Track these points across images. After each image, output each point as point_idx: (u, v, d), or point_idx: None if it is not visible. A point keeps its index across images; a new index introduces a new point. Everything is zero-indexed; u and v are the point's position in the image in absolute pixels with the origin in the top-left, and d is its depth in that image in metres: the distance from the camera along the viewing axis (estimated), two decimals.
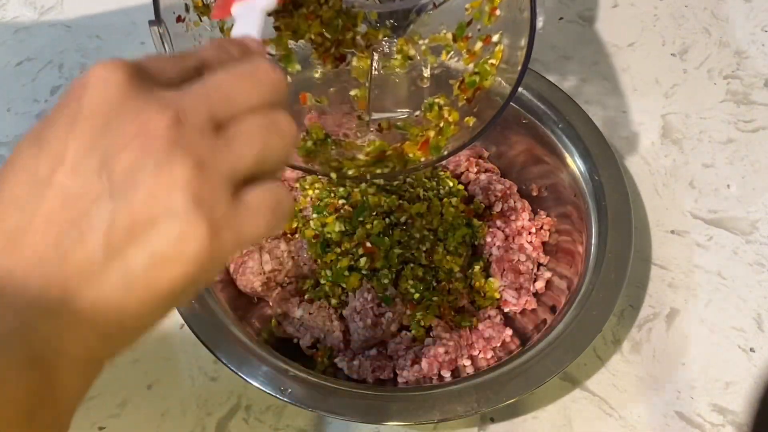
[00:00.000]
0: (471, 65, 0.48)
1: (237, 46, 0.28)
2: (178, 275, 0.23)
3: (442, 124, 0.48)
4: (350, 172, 0.48)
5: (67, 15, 0.79)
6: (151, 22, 0.41)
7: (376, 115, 0.53)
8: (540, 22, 0.42)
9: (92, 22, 0.78)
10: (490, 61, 0.46)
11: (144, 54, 0.26)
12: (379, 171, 0.47)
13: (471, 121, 0.51)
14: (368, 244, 0.54)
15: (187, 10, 0.45)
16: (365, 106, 0.53)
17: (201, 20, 0.45)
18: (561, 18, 0.77)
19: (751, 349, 0.56)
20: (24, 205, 0.23)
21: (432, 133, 0.48)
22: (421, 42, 0.51)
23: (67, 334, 0.23)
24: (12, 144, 0.69)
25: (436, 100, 0.49)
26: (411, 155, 0.49)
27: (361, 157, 0.49)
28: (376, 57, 0.51)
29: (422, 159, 0.49)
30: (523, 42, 0.43)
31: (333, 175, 0.48)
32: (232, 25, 0.39)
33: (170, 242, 0.23)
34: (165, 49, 0.42)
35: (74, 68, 0.74)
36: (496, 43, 0.46)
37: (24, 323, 0.22)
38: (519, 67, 0.45)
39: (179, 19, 0.44)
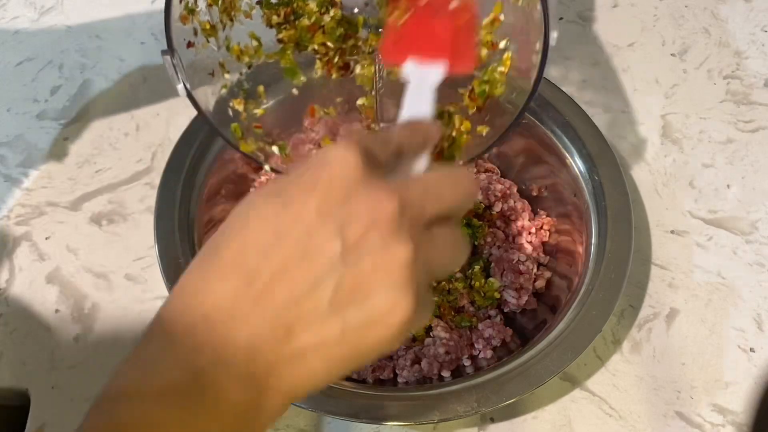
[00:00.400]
0: (479, 72, 0.48)
1: (422, 133, 0.33)
2: (382, 338, 0.27)
3: (454, 134, 0.48)
4: None
5: (67, 15, 0.79)
6: (164, 52, 0.43)
7: (384, 125, 0.53)
8: (554, 35, 0.41)
9: (92, 22, 0.78)
10: (498, 69, 0.46)
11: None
12: None
13: (484, 130, 0.52)
14: None
15: (195, 33, 0.46)
16: (373, 115, 0.53)
17: (208, 41, 0.47)
18: (561, 18, 0.77)
19: (751, 349, 0.56)
20: (265, 251, 0.27)
21: (445, 144, 0.49)
22: None
23: (283, 366, 0.27)
24: (12, 144, 0.69)
25: (447, 108, 0.49)
26: None
27: None
28: (378, 62, 0.51)
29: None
30: (537, 46, 0.42)
31: None
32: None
33: (385, 309, 0.27)
34: (178, 77, 0.44)
35: (74, 68, 0.74)
36: (503, 50, 0.46)
37: (250, 347, 0.26)
38: (533, 77, 0.45)
39: (189, 45, 0.46)
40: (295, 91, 0.54)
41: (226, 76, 0.51)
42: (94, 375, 0.55)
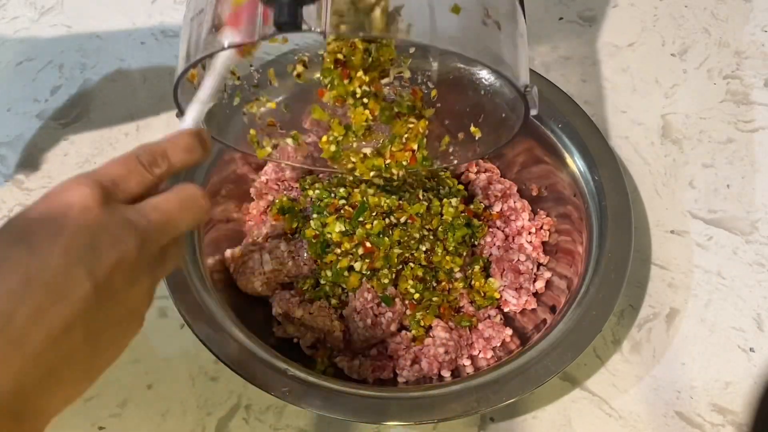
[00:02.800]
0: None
1: (188, 151, 0.36)
2: (123, 347, 0.33)
3: (419, 131, 0.51)
4: (364, 177, 0.53)
5: (67, 15, 0.79)
6: (178, 115, 0.44)
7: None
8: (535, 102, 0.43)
9: (92, 22, 0.78)
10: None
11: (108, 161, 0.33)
12: (388, 175, 0.53)
13: (477, 133, 0.54)
14: (368, 244, 0.54)
15: (204, 67, 0.45)
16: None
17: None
18: (561, 18, 0.77)
19: (751, 349, 0.56)
20: (19, 296, 0.28)
21: (415, 146, 0.51)
22: None
23: (47, 400, 0.29)
24: (12, 144, 0.69)
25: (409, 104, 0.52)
26: (404, 163, 0.52)
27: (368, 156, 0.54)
28: None
29: (418, 168, 0.52)
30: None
31: (356, 173, 0.54)
32: None
33: (128, 332, 0.32)
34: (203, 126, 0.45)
35: (74, 68, 0.74)
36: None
37: (16, 390, 0.27)
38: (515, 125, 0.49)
39: (192, 78, 0.45)
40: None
41: (236, 82, 0.52)
42: None
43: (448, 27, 0.38)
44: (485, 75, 0.55)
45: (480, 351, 0.55)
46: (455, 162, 0.56)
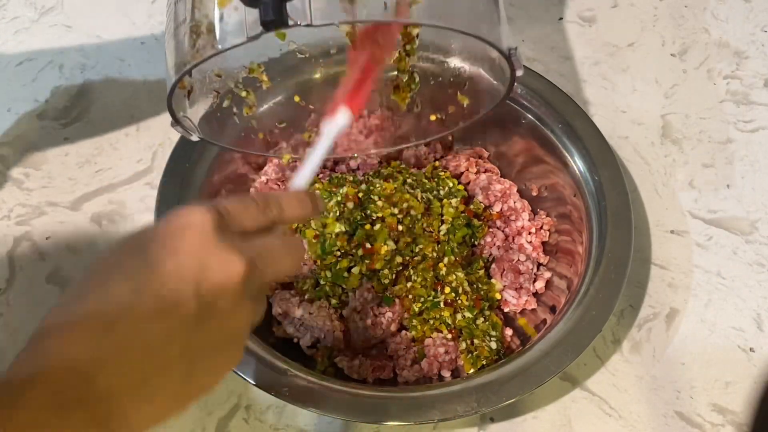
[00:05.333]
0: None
1: (304, 207, 0.38)
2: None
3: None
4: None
5: (67, 15, 0.79)
6: (172, 125, 0.46)
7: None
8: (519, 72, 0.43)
9: (92, 22, 0.78)
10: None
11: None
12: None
13: (464, 100, 0.55)
14: (368, 245, 0.54)
15: (189, 75, 0.46)
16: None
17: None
18: (561, 18, 0.77)
19: (751, 349, 0.56)
20: (127, 305, 0.29)
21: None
22: None
23: (135, 409, 0.29)
24: (12, 144, 0.69)
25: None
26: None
27: None
28: None
29: None
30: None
31: None
32: None
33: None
34: (191, 134, 0.47)
35: (74, 68, 0.74)
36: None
37: (107, 395, 0.28)
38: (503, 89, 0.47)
39: (189, 94, 0.48)
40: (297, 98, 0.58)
41: (221, 80, 0.52)
42: None
43: (437, 4, 0.37)
44: (459, 62, 0.56)
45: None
46: (449, 129, 0.57)
